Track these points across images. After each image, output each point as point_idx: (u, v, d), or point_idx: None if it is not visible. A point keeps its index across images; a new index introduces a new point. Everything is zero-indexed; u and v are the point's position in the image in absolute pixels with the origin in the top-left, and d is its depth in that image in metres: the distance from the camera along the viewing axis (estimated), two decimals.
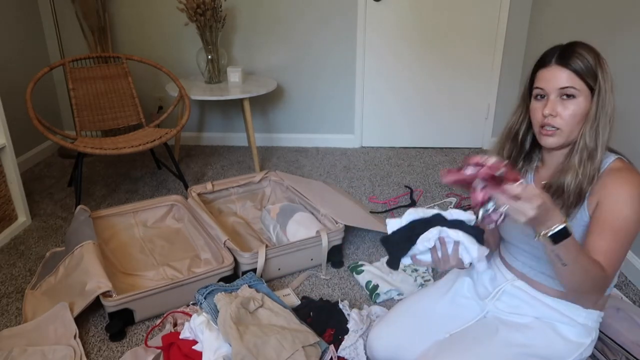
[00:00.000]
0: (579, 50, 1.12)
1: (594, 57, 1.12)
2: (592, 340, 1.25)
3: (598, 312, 1.26)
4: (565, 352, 1.23)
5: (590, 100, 1.11)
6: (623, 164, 1.13)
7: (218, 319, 1.52)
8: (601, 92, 1.10)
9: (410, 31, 3.17)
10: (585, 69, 1.10)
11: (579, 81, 1.10)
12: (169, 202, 2.36)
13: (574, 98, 1.11)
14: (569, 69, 1.11)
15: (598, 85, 1.10)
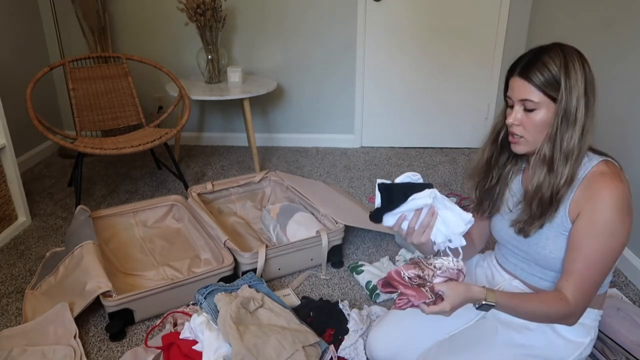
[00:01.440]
0: (543, 60, 1.11)
1: (559, 66, 1.09)
2: (592, 339, 1.25)
3: (596, 311, 1.26)
4: (565, 352, 1.23)
5: (553, 109, 1.11)
6: (607, 168, 1.13)
7: (218, 319, 1.52)
8: (562, 102, 1.09)
9: (410, 31, 3.17)
10: (546, 81, 1.09)
11: (538, 94, 1.10)
12: (169, 202, 2.36)
13: (535, 110, 1.12)
14: (529, 82, 1.11)
15: (561, 95, 1.09)
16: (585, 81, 1.09)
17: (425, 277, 1.15)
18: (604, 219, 1.08)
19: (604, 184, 1.09)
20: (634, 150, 2.00)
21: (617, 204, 1.07)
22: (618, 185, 1.08)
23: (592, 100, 1.11)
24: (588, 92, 1.10)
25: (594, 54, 2.30)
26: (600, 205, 1.08)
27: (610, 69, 2.17)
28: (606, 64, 2.20)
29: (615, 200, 1.07)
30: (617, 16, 2.12)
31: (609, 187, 1.08)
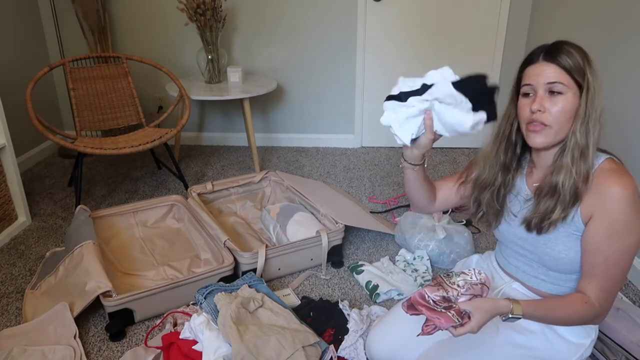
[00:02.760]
0: (566, 48, 1.10)
1: (581, 55, 1.09)
2: (592, 340, 1.25)
3: None
4: (566, 353, 1.23)
5: (579, 97, 1.09)
6: (614, 165, 1.12)
7: (218, 319, 1.52)
8: (590, 89, 1.07)
9: (410, 31, 3.17)
10: (573, 65, 1.08)
11: (567, 77, 1.08)
12: (169, 202, 2.36)
13: (561, 94, 1.09)
14: (557, 65, 1.09)
15: (587, 83, 1.07)
16: (597, 75, 1.09)
17: (450, 299, 1.14)
18: (621, 219, 1.07)
19: (613, 182, 1.08)
20: (636, 149, 2.00)
21: (630, 201, 1.06)
22: (628, 182, 1.07)
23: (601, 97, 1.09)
24: (599, 86, 1.09)
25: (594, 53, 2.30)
26: (614, 205, 1.07)
27: (610, 68, 2.17)
28: (606, 63, 2.20)
29: (628, 198, 1.06)
30: (617, 16, 2.12)
31: (620, 185, 1.07)
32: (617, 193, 1.07)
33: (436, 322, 1.08)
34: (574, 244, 1.16)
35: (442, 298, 1.13)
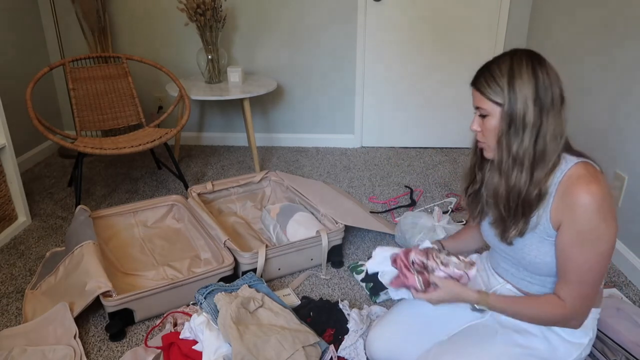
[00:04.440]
0: (490, 69, 1.16)
1: (504, 73, 1.13)
2: (591, 339, 1.25)
3: (594, 310, 1.26)
4: (565, 353, 1.24)
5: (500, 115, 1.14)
6: (584, 170, 1.11)
7: (218, 319, 1.52)
8: (505, 106, 1.12)
9: (410, 31, 3.17)
10: (490, 88, 1.14)
11: (486, 101, 1.16)
12: (169, 202, 2.36)
13: (487, 116, 1.16)
14: (477, 91, 1.18)
15: (503, 100, 1.12)
16: (536, 86, 1.10)
17: (427, 267, 1.22)
18: (588, 227, 1.08)
19: (580, 189, 1.08)
20: (633, 150, 2.00)
21: (598, 208, 1.06)
22: (596, 188, 1.07)
23: (549, 104, 1.11)
24: (541, 96, 1.10)
25: (594, 52, 2.30)
26: (581, 213, 1.08)
27: (609, 68, 2.17)
28: (606, 63, 2.20)
29: (595, 205, 1.06)
30: (617, 16, 2.12)
31: (587, 192, 1.07)
32: (583, 201, 1.07)
33: (403, 278, 1.22)
34: (548, 248, 1.17)
35: (422, 264, 1.24)
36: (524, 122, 1.11)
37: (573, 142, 1.20)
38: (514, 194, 1.15)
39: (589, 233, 1.08)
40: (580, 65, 2.43)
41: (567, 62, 2.57)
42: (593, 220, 1.07)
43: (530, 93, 1.10)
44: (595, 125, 2.28)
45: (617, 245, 2.08)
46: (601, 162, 2.26)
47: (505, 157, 1.14)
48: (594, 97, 2.30)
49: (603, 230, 1.08)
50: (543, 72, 1.12)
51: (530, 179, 1.13)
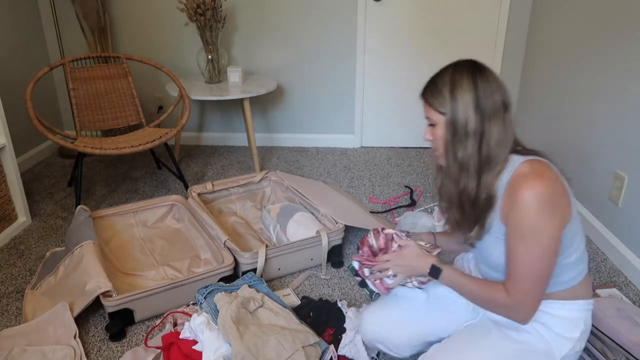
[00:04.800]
0: (435, 80, 1.20)
1: (447, 83, 1.17)
2: (582, 331, 1.24)
3: (581, 302, 1.25)
4: (557, 346, 1.24)
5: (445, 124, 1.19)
6: (530, 168, 1.14)
7: (218, 319, 1.52)
8: (448, 115, 1.17)
9: (410, 31, 3.17)
10: (435, 99, 1.19)
11: (432, 112, 1.20)
12: (169, 202, 2.36)
13: (435, 125, 1.21)
14: (425, 101, 1.22)
15: (446, 110, 1.17)
16: (476, 95, 1.14)
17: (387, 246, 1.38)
18: (527, 222, 1.11)
19: (523, 186, 1.11)
20: (633, 150, 2.00)
21: (537, 202, 1.09)
22: (536, 183, 1.10)
23: (491, 112, 1.14)
24: (482, 104, 1.14)
25: (594, 53, 2.30)
26: (521, 208, 1.11)
27: (609, 68, 2.17)
28: (606, 63, 2.20)
29: (535, 200, 1.09)
30: (617, 16, 2.12)
31: (528, 188, 1.10)
32: (524, 197, 1.10)
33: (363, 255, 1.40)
34: (504, 248, 1.20)
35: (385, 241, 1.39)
36: (467, 129, 1.16)
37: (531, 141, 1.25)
38: (464, 198, 1.21)
39: (528, 228, 1.11)
40: (580, 65, 2.43)
41: (567, 62, 2.57)
42: (532, 215, 1.10)
43: (471, 102, 1.15)
44: (595, 125, 2.28)
45: (617, 245, 2.08)
46: (601, 162, 2.27)
47: (452, 164, 1.20)
48: (594, 97, 2.29)
49: (542, 225, 1.10)
50: (483, 81, 1.16)
51: (477, 184, 1.18)
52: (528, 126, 3.08)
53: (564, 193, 1.13)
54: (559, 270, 1.20)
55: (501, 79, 1.19)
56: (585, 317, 1.26)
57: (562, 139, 2.62)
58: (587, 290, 1.27)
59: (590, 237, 2.30)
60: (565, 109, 2.58)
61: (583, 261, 1.24)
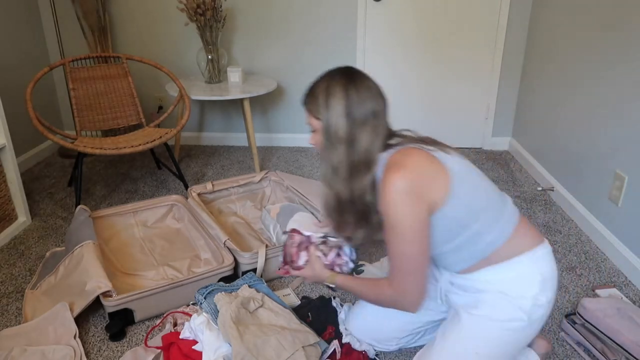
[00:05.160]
0: (312, 88, 1.26)
1: (322, 91, 1.23)
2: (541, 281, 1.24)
3: (526, 255, 1.25)
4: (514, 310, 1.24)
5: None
6: (392, 160, 1.21)
7: (218, 319, 1.52)
8: (323, 122, 1.23)
9: (410, 31, 3.17)
10: (312, 106, 1.25)
11: (311, 118, 1.26)
12: (169, 202, 2.36)
13: (316, 131, 1.27)
14: (305, 109, 1.28)
15: (321, 116, 1.23)
16: (347, 102, 1.20)
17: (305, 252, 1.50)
18: (390, 214, 1.17)
19: (384, 180, 1.18)
20: (633, 150, 2.00)
21: (394, 194, 1.15)
22: (393, 176, 1.15)
23: (360, 119, 1.20)
24: (353, 113, 1.20)
25: (594, 53, 2.30)
26: (384, 202, 1.18)
27: (609, 68, 2.17)
28: (606, 63, 2.20)
29: (392, 192, 1.15)
30: (617, 16, 2.12)
31: (386, 182, 1.16)
32: (384, 191, 1.17)
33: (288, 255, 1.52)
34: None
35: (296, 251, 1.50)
36: (338, 136, 1.22)
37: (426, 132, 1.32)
38: (339, 202, 1.28)
39: (392, 219, 1.17)
40: (580, 65, 2.43)
41: (567, 62, 2.57)
42: (392, 207, 1.16)
43: (342, 110, 1.20)
44: (595, 124, 2.28)
45: (617, 245, 2.08)
46: (601, 162, 2.27)
47: (326, 168, 1.27)
48: (594, 96, 2.29)
49: (402, 215, 1.16)
50: (356, 90, 1.21)
51: (349, 188, 1.25)
52: (528, 126, 3.08)
53: (431, 176, 1.18)
54: (475, 239, 1.23)
55: (377, 87, 1.25)
56: (538, 267, 1.26)
57: (562, 138, 2.62)
58: (524, 242, 1.27)
59: (590, 237, 2.30)
60: (565, 108, 2.59)
61: (498, 220, 1.24)
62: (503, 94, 3.26)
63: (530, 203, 2.64)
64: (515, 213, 1.29)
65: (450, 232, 1.23)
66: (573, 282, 1.98)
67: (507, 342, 1.27)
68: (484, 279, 1.27)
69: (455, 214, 1.20)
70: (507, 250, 1.25)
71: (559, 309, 1.82)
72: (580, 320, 1.64)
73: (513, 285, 1.25)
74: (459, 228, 1.22)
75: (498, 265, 1.25)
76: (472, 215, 1.22)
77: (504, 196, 1.32)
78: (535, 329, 1.28)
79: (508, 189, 2.80)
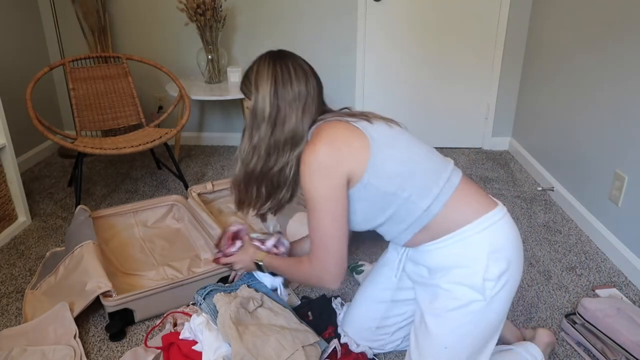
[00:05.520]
0: (247, 71, 1.31)
1: (253, 71, 1.28)
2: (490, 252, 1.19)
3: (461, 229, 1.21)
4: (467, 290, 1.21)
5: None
6: (311, 137, 1.24)
7: (217, 320, 1.52)
8: (252, 102, 1.28)
9: (410, 31, 3.17)
10: (247, 89, 1.30)
11: (247, 100, 1.31)
12: (169, 202, 2.36)
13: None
14: (242, 91, 1.33)
15: (253, 98, 1.28)
16: (274, 84, 1.24)
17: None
18: (306, 189, 1.21)
19: (301, 157, 1.22)
20: (633, 149, 2.00)
21: (307, 169, 1.19)
22: (306, 152, 1.20)
23: (288, 98, 1.24)
24: (279, 92, 1.24)
25: (594, 52, 2.30)
26: (301, 178, 1.22)
27: (609, 67, 2.17)
28: (606, 62, 2.20)
29: (305, 167, 1.20)
30: (617, 16, 2.12)
31: (305, 156, 1.21)
32: (302, 162, 1.22)
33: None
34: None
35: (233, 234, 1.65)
36: (263, 115, 1.25)
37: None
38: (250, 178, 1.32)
39: (307, 191, 1.21)
40: (580, 65, 2.43)
41: (567, 62, 2.57)
42: (307, 182, 1.20)
43: (268, 90, 1.24)
44: (595, 124, 2.28)
45: (617, 245, 2.08)
46: (601, 162, 2.27)
47: (245, 144, 1.30)
48: (594, 96, 2.29)
49: (312, 190, 1.19)
50: (284, 71, 1.25)
51: (267, 164, 1.29)
52: (528, 126, 3.08)
53: (349, 146, 1.19)
54: (409, 208, 1.21)
55: (308, 67, 1.30)
56: (487, 236, 1.20)
57: (562, 138, 2.62)
58: (468, 210, 1.22)
59: (590, 237, 2.30)
60: (565, 108, 2.58)
61: (431, 185, 1.22)
62: (503, 94, 3.26)
63: (530, 203, 2.64)
64: (454, 179, 1.25)
65: (379, 202, 1.22)
66: (573, 282, 1.98)
67: (472, 328, 1.22)
68: (435, 259, 1.24)
69: (379, 182, 1.20)
70: (449, 219, 1.21)
71: (559, 309, 1.82)
72: (580, 320, 1.64)
73: (461, 260, 1.21)
74: (386, 196, 1.21)
75: (443, 239, 1.22)
76: (398, 182, 1.20)
77: (444, 161, 1.29)
78: (499, 308, 1.22)
79: (508, 189, 2.80)
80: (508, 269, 1.20)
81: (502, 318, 1.26)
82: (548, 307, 1.83)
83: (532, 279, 2.00)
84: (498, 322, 1.26)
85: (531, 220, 2.47)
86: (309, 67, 1.30)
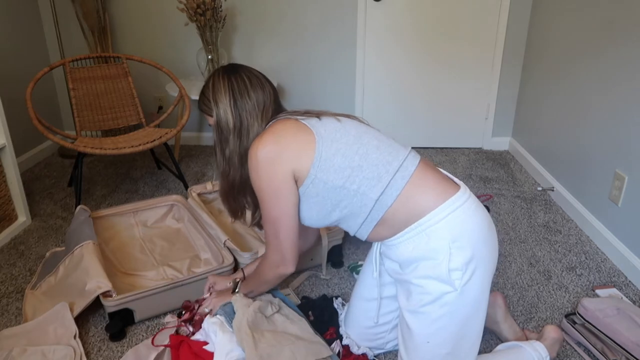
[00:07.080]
0: (203, 89, 1.37)
1: (209, 88, 1.34)
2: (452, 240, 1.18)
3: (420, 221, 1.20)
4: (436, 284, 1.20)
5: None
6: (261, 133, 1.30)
7: (234, 322, 1.49)
8: (214, 117, 1.34)
9: (410, 31, 3.17)
10: (206, 107, 1.36)
11: (208, 118, 1.37)
12: (169, 202, 2.36)
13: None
14: (201, 111, 1.41)
15: (214, 114, 1.33)
16: (232, 96, 1.30)
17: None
18: (252, 180, 1.29)
19: (249, 151, 1.28)
20: (633, 149, 2.00)
21: (252, 160, 1.26)
22: (253, 145, 1.26)
23: (250, 109, 1.30)
24: (238, 104, 1.30)
25: (594, 53, 2.30)
26: (249, 170, 1.29)
27: (610, 68, 2.17)
28: (606, 63, 2.20)
29: (251, 158, 1.26)
30: (617, 16, 2.12)
31: (249, 152, 1.28)
32: (249, 157, 1.28)
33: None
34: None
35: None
36: (228, 128, 1.31)
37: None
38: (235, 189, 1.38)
39: (254, 184, 1.28)
40: (580, 65, 2.43)
41: (567, 62, 2.57)
42: (252, 172, 1.27)
43: (228, 103, 1.30)
44: (595, 124, 2.28)
45: (617, 245, 2.08)
46: (601, 162, 2.27)
47: (221, 160, 1.36)
48: (594, 96, 2.30)
49: (260, 179, 1.25)
50: (239, 83, 1.31)
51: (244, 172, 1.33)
52: (528, 126, 3.09)
53: (295, 141, 1.24)
54: (361, 200, 1.23)
55: (260, 76, 1.35)
56: (447, 225, 1.19)
57: (562, 138, 2.62)
58: (426, 199, 1.21)
59: (590, 237, 2.30)
60: (565, 108, 2.59)
61: (382, 176, 1.22)
62: (503, 94, 3.27)
63: (530, 203, 2.64)
64: (409, 166, 1.23)
65: (330, 196, 1.25)
66: (573, 282, 1.98)
67: (449, 320, 1.22)
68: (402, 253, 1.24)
69: (327, 176, 1.23)
70: (406, 210, 1.21)
71: (559, 309, 1.82)
72: (580, 320, 1.64)
73: (425, 253, 1.20)
74: (336, 190, 1.24)
75: (405, 232, 1.21)
76: (346, 174, 1.22)
77: (397, 150, 1.27)
78: (474, 296, 1.20)
79: (508, 189, 2.80)
80: (474, 256, 1.18)
81: (479, 306, 1.24)
82: (548, 307, 1.83)
83: (532, 279, 2.00)
84: (476, 311, 1.24)
85: (531, 220, 2.47)
86: (261, 74, 1.36)
